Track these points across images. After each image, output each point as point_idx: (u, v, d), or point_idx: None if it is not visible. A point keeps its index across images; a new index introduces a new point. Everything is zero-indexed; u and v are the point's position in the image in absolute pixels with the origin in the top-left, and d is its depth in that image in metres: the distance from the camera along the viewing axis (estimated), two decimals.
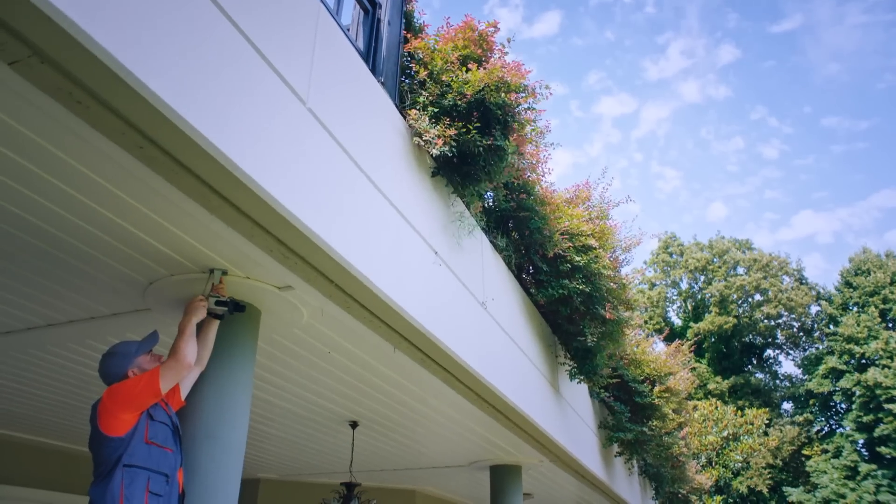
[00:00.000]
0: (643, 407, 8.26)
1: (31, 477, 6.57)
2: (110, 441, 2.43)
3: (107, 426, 2.44)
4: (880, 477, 24.79)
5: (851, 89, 49.11)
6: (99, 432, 2.45)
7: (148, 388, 2.48)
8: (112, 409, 2.45)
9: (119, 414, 2.45)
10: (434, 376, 4.25)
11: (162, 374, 2.52)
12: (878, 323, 26.67)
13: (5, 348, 4.03)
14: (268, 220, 2.47)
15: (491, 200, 4.98)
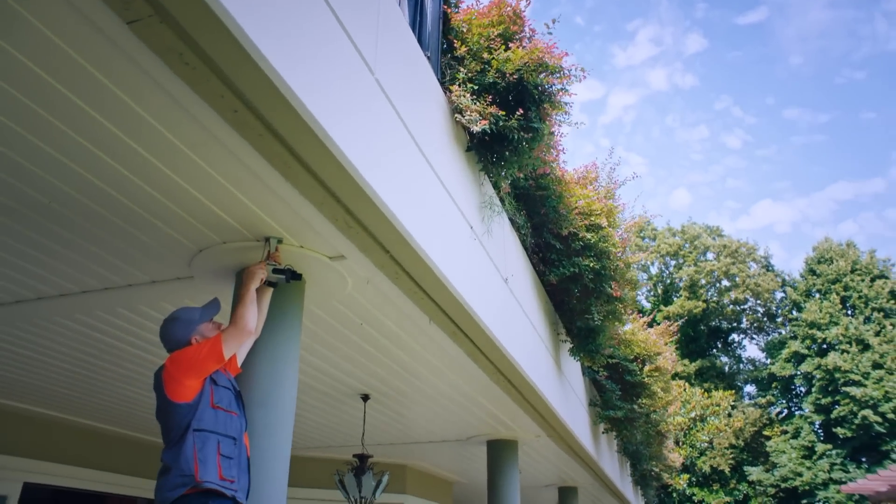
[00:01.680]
0: (633, 385, 8.47)
1: (38, 449, 6.54)
2: (178, 407, 2.45)
3: (174, 393, 2.46)
4: (835, 456, 25.78)
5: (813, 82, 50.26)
6: (167, 399, 2.47)
7: (211, 354, 2.50)
8: (177, 376, 2.47)
9: (184, 380, 2.47)
10: (460, 349, 4.32)
11: (224, 340, 2.54)
12: (839, 309, 27.55)
13: (29, 316, 3.98)
14: (343, 190, 2.49)
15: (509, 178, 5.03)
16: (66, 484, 6.84)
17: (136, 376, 5.20)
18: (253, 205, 2.72)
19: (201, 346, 2.51)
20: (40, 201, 2.74)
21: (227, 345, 2.54)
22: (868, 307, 27.14)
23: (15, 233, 3.02)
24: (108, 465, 7.29)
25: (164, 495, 2.34)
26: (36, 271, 3.41)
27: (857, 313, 27.32)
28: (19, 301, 3.80)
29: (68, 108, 2.17)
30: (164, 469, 2.42)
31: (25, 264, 3.33)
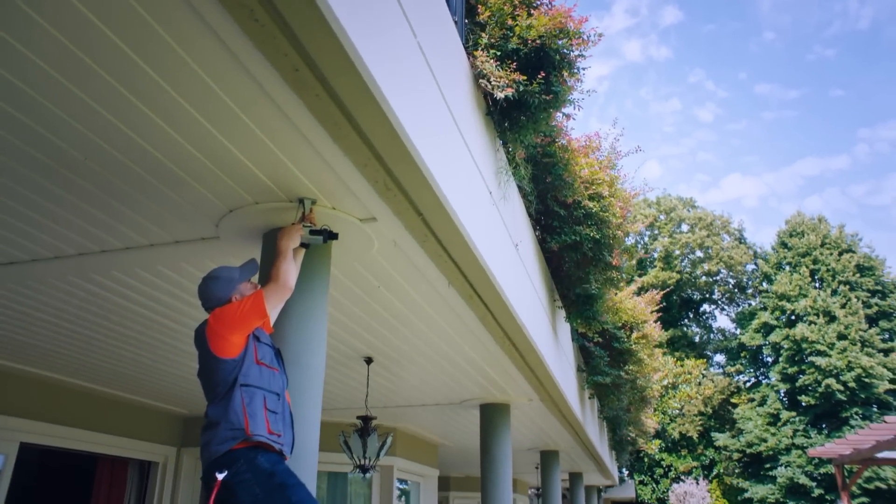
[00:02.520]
0: (620, 352, 8.68)
1: (35, 410, 6.53)
2: (224, 363, 2.48)
3: (219, 349, 2.49)
4: (798, 423, 26.71)
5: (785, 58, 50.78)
6: (212, 356, 2.50)
7: (254, 310, 2.52)
8: (221, 332, 2.49)
9: (229, 337, 2.49)
10: (473, 313, 4.40)
11: (266, 296, 2.57)
12: (808, 282, 28.28)
13: (42, 275, 3.94)
14: (390, 152, 2.51)
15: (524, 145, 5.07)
16: (60, 444, 6.85)
17: (141, 337, 5.19)
18: (293, 165, 2.72)
19: (244, 303, 2.53)
20: (76, 158, 2.72)
21: (269, 301, 2.57)
22: (835, 280, 27.89)
23: (45, 191, 2.99)
24: (102, 426, 7.30)
25: (212, 449, 2.38)
26: (59, 230, 3.38)
27: (825, 286, 28.08)
28: (35, 260, 3.76)
29: (118, 59, 2.12)
30: (210, 424, 2.45)
31: (49, 223, 3.30)
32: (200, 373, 2.60)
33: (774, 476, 26.13)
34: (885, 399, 25.78)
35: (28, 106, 2.37)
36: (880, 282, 28.16)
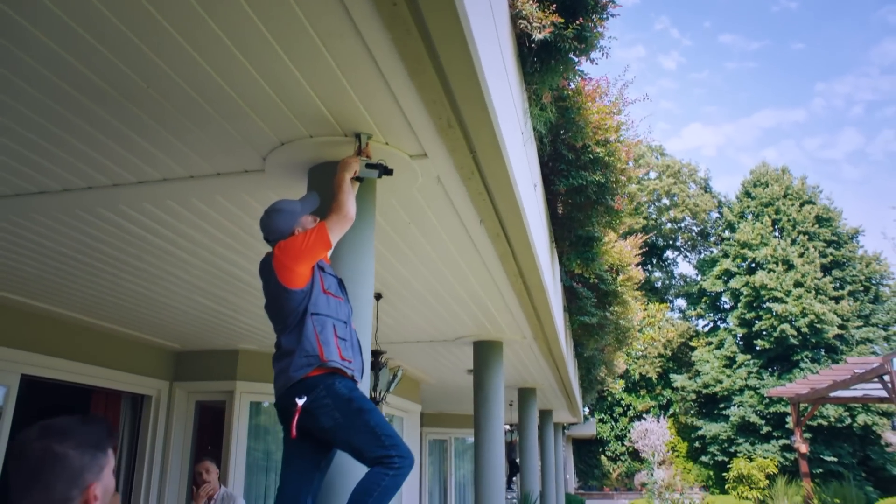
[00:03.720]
0: (606, 293, 8.98)
1: (35, 343, 6.54)
2: (294, 294, 2.56)
3: (288, 280, 2.56)
4: (752, 365, 28.05)
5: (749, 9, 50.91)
6: (281, 287, 2.56)
7: (319, 240, 2.58)
8: (288, 263, 2.56)
9: (296, 268, 2.56)
10: (494, 251, 4.54)
11: (329, 227, 2.62)
12: (769, 231, 29.22)
13: (70, 206, 3.91)
14: (463, 90, 2.56)
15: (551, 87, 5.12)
16: (59, 377, 6.86)
17: (154, 271, 5.19)
18: (359, 100, 2.75)
19: (308, 234, 2.58)
20: (139, 86, 2.70)
21: (333, 231, 2.63)
22: (795, 230, 28.87)
23: (97, 120, 2.96)
24: (99, 359, 7.31)
25: (288, 376, 2.48)
26: (99, 160, 3.35)
27: (785, 235, 29.05)
28: (67, 190, 3.73)
29: None
30: (284, 353, 2.54)
31: (92, 152, 3.27)
32: (268, 305, 2.67)
33: (727, 415, 27.51)
34: (833, 343, 27.15)
35: (98, 25, 2.33)
36: (836, 232, 29.25)
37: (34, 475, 1.37)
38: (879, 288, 29.31)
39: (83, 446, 1.42)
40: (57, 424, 1.46)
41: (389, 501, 2.44)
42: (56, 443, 1.40)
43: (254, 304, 6.22)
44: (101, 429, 1.48)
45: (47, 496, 1.36)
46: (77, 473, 1.39)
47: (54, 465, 1.38)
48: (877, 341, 27.56)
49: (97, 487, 1.40)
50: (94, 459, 1.42)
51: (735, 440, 27.05)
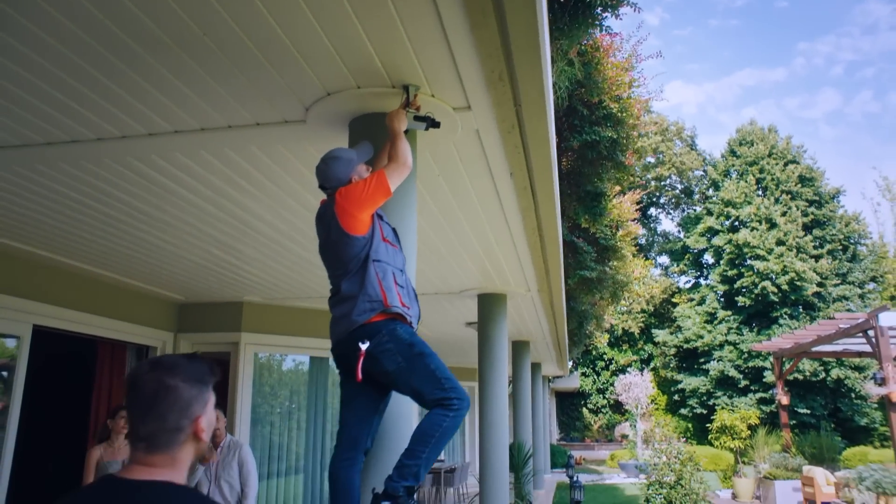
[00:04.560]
0: (605, 248, 9.12)
1: (47, 294, 6.55)
2: (356, 240, 2.62)
3: (350, 226, 2.62)
4: (732, 321, 28.65)
5: None
6: (343, 233, 2.62)
7: (379, 188, 2.63)
8: (350, 210, 2.62)
9: (358, 214, 2.62)
10: (517, 205, 4.62)
11: (389, 175, 2.67)
12: (753, 190, 29.51)
13: (101, 155, 3.90)
14: (521, 42, 2.60)
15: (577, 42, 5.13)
16: (68, 328, 6.89)
17: (173, 221, 5.20)
18: (414, 52, 2.78)
19: (369, 182, 2.63)
20: (194, 33, 2.70)
21: (392, 179, 2.67)
22: (779, 189, 29.19)
23: (145, 67, 2.95)
24: (107, 311, 7.35)
25: (350, 320, 2.55)
26: (139, 108, 3.35)
27: (769, 194, 29.37)
28: (101, 139, 3.72)
29: None
30: (345, 297, 2.61)
31: (133, 100, 3.26)
32: (326, 251, 2.73)
33: (707, 369, 28.22)
34: (811, 301, 27.78)
35: None
36: (818, 192, 29.62)
37: (149, 405, 1.47)
38: (857, 247, 29.90)
39: (191, 381, 1.51)
40: (166, 360, 1.55)
41: (449, 441, 2.57)
42: (167, 376, 1.49)
43: (267, 256, 6.27)
44: (205, 366, 1.57)
45: (161, 425, 1.46)
46: (186, 405, 1.48)
47: (167, 397, 1.47)
48: (852, 299, 28.26)
49: (203, 420, 1.50)
50: (200, 393, 1.51)
51: (714, 393, 27.82)
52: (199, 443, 1.51)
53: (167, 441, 1.47)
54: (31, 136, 3.68)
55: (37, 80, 3.09)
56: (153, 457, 1.46)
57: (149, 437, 1.47)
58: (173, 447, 1.47)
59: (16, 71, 2.99)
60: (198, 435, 1.49)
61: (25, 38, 2.74)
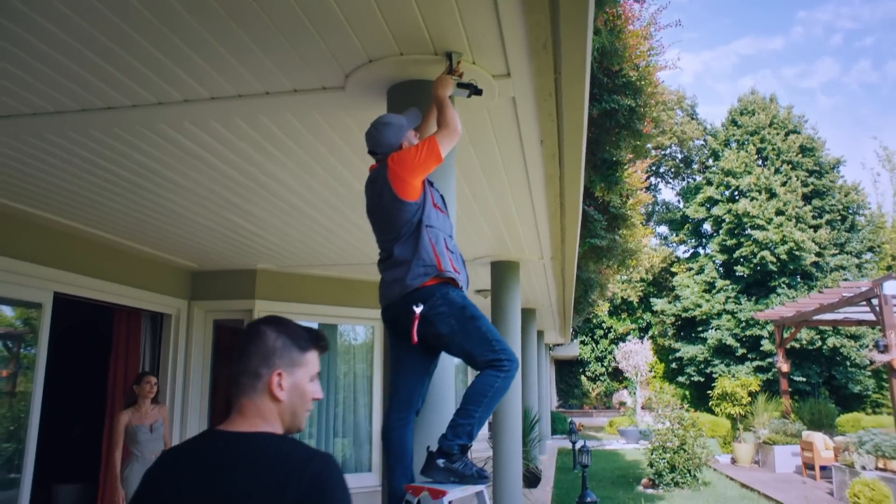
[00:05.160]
0: (615, 217, 9.17)
1: (67, 261, 6.63)
2: (409, 205, 2.67)
3: (403, 192, 2.66)
4: (730, 290, 28.89)
5: None
6: (396, 198, 2.66)
7: (431, 154, 2.67)
8: (403, 175, 2.66)
9: (411, 180, 2.66)
10: (543, 173, 4.66)
11: (440, 141, 2.71)
12: (753, 160, 29.51)
13: (133, 122, 3.91)
14: (569, 10, 2.62)
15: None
16: (87, 295, 6.95)
17: (196, 188, 5.22)
18: (461, 18, 2.79)
19: (421, 148, 2.66)
20: None
21: (443, 145, 2.71)
22: (779, 159, 29.19)
23: (188, 31, 2.95)
24: (124, 278, 7.40)
25: (404, 284, 2.61)
26: (177, 74, 3.35)
27: (769, 164, 29.39)
28: (136, 105, 3.73)
29: None
30: (398, 261, 2.66)
31: (173, 65, 3.26)
32: (377, 215, 2.77)
33: (705, 338, 28.54)
34: (809, 270, 28.02)
35: None
36: (819, 162, 29.66)
37: (242, 347, 1.56)
38: (855, 217, 30.05)
39: (284, 335, 1.58)
40: (280, 317, 1.62)
41: (499, 402, 2.65)
42: (265, 325, 1.57)
43: (286, 223, 6.31)
44: (310, 335, 1.63)
45: (245, 366, 1.54)
46: (269, 353, 1.55)
47: (255, 341, 1.55)
48: (849, 269, 28.48)
49: (284, 377, 1.55)
50: (288, 351, 1.57)
51: (711, 361, 28.17)
52: (277, 401, 1.55)
53: (247, 384, 1.54)
54: (66, 102, 3.69)
55: (76, 42, 3.08)
56: (242, 402, 1.54)
57: (236, 378, 1.55)
58: (253, 394, 1.54)
59: (54, 33, 2.98)
60: (272, 388, 1.53)
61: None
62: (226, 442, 1.51)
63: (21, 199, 5.49)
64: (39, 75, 3.38)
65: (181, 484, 1.47)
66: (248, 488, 1.41)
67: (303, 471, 1.42)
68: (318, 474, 1.42)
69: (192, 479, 1.46)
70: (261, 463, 1.44)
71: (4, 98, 3.62)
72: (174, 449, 1.60)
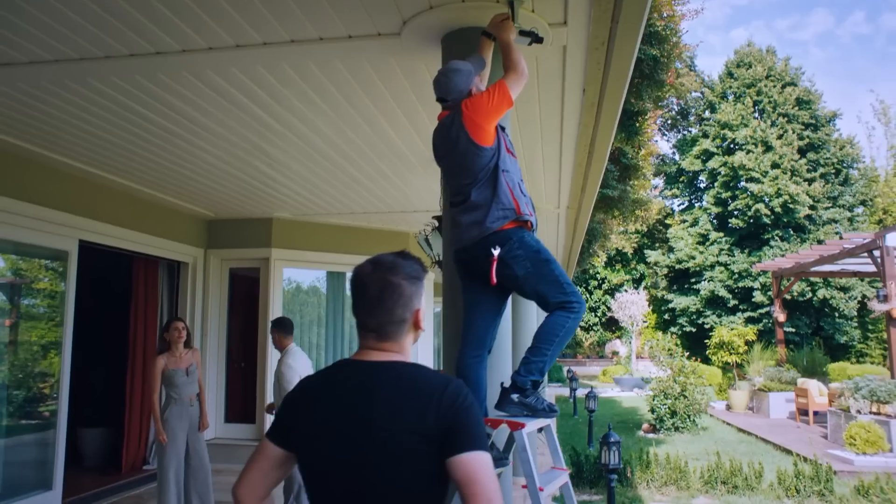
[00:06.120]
0: (627, 167, 9.25)
1: (91, 209, 6.70)
2: (485, 150, 2.72)
3: (479, 137, 2.70)
4: (724, 243, 29.23)
5: None
6: (473, 144, 2.71)
7: (503, 98, 2.71)
8: (478, 120, 2.70)
9: (485, 125, 2.71)
10: (577, 120, 4.72)
11: (510, 85, 2.75)
12: (750, 112, 29.50)
13: (178, 68, 3.92)
14: None
15: None
16: (108, 243, 7.00)
17: (230, 135, 5.24)
18: None
19: (492, 93, 2.70)
20: None
21: (513, 89, 2.74)
22: (776, 112, 29.19)
23: None
24: (142, 226, 7.45)
25: (483, 227, 2.67)
26: (234, 16, 3.35)
27: (766, 117, 29.39)
28: (186, 51, 3.73)
29: None
30: (474, 205, 2.72)
31: (229, 7, 3.26)
32: (452, 160, 2.81)
33: (698, 289, 28.99)
34: (802, 223, 28.34)
35: None
36: (815, 115, 29.67)
37: (376, 301, 1.63)
38: (849, 171, 30.25)
39: (410, 278, 1.67)
40: (385, 260, 1.70)
41: (567, 341, 2.78)
42: (390, 275, 1.65)
43: (313, 172, 6.35)
44: (418, 264, 1.73)
45: (389, 318, 1.63)
46: (409, 299, 1.65)
47: (392, 293, 1.63)
48: (841, 222, 28.81)
49: (421, 311, 1.67)
50: (417, 289, 1.68)
51: (703, 312, 28.69)
52: (419, 330, 1.69)
53: (394, 331, 1.64)
54: (116, 46, 3.69)
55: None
56: (383, 343, 1.64)
57: (378, 328, 1.64)
58: (399, 335, 1.65)
59: None
60: (417, 324, 1.67)
61: None
62: (366, 370, 1.61)
63: (53, 147, 5.50)
64: (90, 16, 3.35)
65: (326, 409, 1.57)
66: (392, 411, 1.52)
67: (442, 392, 1.53)
68: (457, 395, 1.53)
69: (336, 405, 1.56)
70: (404, 387, 1.55)
71: (53, 42, 3.62)
72: (311, 378, 1.70)
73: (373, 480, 1.50)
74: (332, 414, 1.56)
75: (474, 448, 1.46)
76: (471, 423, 1.52)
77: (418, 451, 1.48)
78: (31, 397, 6.30)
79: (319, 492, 1.59)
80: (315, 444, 1.57)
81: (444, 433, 1.47)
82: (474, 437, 1.49)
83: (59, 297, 6.49)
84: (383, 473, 1.49)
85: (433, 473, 1.49)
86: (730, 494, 7.36)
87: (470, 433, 1.49)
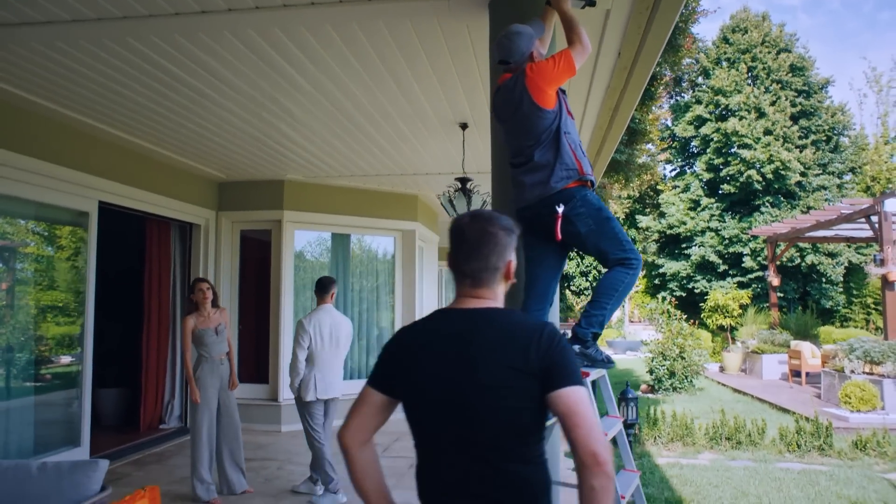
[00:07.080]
0: (635, 132, 9.36)
1: (111, 170, 6.71)
2: (547, 113, 2.80)
3: (542, 101, 2.78)
4: (715, 209, 29.46)
5: None
6: (536, 107, 2.77)
7: (567, 66, 2.78)
8: (541, 84, 2.77)
9: (547, 89, 2.78)
10: (605, 83, 4.79)
11: (574, 54, 2.82)
12: (744, 79, 29.47)
13: (219, 28, 3.93)
14: None
15: None
16: (125, 204, 7.02)
17: (261, 98, 5.26)
18: None
19: (558, 59, 2.76)
20: None
21: (577, 59, 2.81)
22: (769, 78, 29.17)
23: None
24: (156, 188, 7.46)
25: (548, 186, 2.76)
26: None
27: (759, 83, 29.38)
28: (232, 10, 3.75)
29: None
30: (538, 166, 2.80)
31: None
32: (516, 122, 2.86)
33: (688, 254, 29.30)
34: (793, 190, 28.58)
35: None
36: (808, 82, 29.71)
37: (474, 248, 1.74)
38: (840, 138, 30.45)
39: (505, 230, 1.77)
40: (483, 212, 1.81)
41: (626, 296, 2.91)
42: (488, 225, 1.76)
43: (335, 134, 6.39)
44: (511, 220, 1.83)
45: (485, 264, 1.74)
46: (503, 249, 1.76)
47: (489, 242, 1.74)
48: (831, 189, 29.10)
49: (512, 263, 1.78)
50: (511, 241, 1.79)
51: (693, 277, 29.04)
52: (509, 280, 1.79)
53: (489, 278, 1.75)
54: (161, 5, 3.70)
55: None
56: (478, 290, 1.75)
57: (473, 274, 1.75)
58: (492, 283, 1.76)
59: None
60: (508, 275, 1.77)
61: None
62: (464, 316, 1.72)
63: (77, 107, 5.49)
64: None
65: (429, 356, 1.67)
66: (494, 352, 1.63)
67: (540, 334, 1.64)
68: (553, 336, 1.65)
69: (438, 351, 1.66)
70: (503, 330, 1.67)
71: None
72: (410, 327, 1.79)
73: (478, 419, 1.61)
74: (435, 360, 1.66)
75: (572, 383, 1.58)
76: (568, 360, 1.63)
77: (520, 387, 1.59)
78: (54, 359, 6.39)
79: (426, 434, 1.71)
80: (420, 389, 1.68)
81: (545, 371, 1.58)
82: (572, 373, 1.60)
83: (81, 259, 6.54)
84: (488, 412, 1.61)
85: (533, 409, 1.60)
86: (734, 450, 7.64)
87: (568, 369, 1.61)
